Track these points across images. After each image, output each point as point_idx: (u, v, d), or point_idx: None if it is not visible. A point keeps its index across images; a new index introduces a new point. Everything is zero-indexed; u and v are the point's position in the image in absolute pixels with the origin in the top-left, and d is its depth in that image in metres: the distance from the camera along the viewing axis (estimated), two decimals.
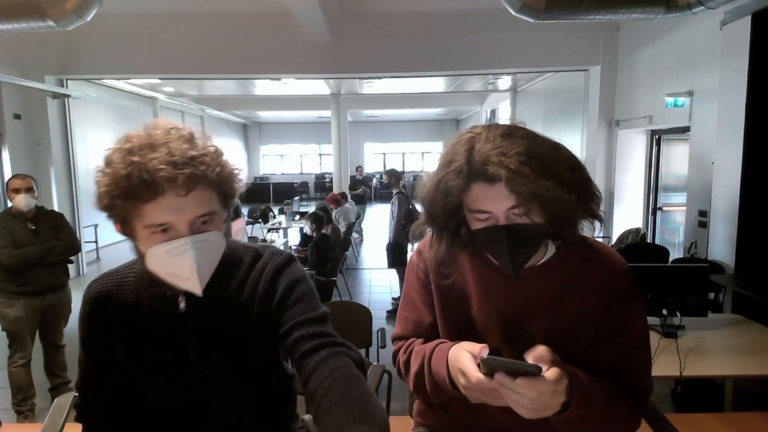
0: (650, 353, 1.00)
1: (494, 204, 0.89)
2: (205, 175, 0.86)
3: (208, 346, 0.98)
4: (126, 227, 0.90)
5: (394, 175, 5.61)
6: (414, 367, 1.04)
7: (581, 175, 0.92)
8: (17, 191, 2.87)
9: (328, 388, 0.84)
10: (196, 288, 0.90)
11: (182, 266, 0.88)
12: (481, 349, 0.87)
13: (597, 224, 0.95)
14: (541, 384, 0.78)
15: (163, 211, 0.85)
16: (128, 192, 0.83)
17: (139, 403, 1.04)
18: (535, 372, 0.78)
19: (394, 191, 5.44)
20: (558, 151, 0.93)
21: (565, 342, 0.96)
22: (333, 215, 6.76)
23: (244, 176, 1.00)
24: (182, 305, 0.97)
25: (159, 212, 0.85)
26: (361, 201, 10.29)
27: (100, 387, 1.04)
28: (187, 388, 0.99)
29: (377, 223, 9.66)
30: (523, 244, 0.92)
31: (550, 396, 0.80)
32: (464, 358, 0.88)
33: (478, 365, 0.83)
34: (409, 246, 5.51)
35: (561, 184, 0.87)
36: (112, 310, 0.99)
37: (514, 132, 0.93)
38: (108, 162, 0.87)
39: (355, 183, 10.98)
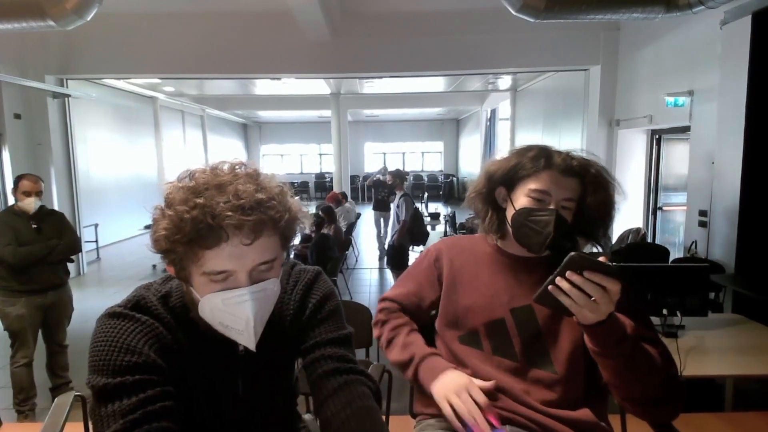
0: (655, 329, 1.14)
1: (557, 189, 1.13)
2: (271, 221, 0.82)
3: (256, 379, 0.96)
4: (181, 273, 0.84)
5: (398, 176, 5.48)
6: (399, 356, 1.23)
7: (613, 212, 1.20)
8: (28, 194, 2.87)
9: (346, 420, 0.86)
10: (250, 343, 0.85)
11: (238, 318, 0.83)
12: (492, 384, 1.10)
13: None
14: (610, 282, 0.91)
15: (225, 259, 0.80)
16: (191, 237, 0.78)
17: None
18: (614, 270, 0.91)
19: (399, 193, 5.32)
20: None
21: (555, 322, 1.16)
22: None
23: (308, 218, 0.94)
24: (241, 348, 0.92)
25: (221, 260, 0.80)
26: (383, 207, 7.53)
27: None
28: (231, 421, 0.96)
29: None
30: (559, 229, 1.12)
31: (608, 300, 0.92)
32: (472, 386, 1.09)
33: (566, 265, 0.92)
34: (411, 246, 5.49)
35: (613, 199, 1.18)
36: (161, 333, 0.87)
37: (584, 155, 1.21)
38: (169, 202, 0.81)
39: (378, 185, 8.54)
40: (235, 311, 0.82)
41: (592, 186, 1.14)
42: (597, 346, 0.99)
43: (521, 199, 1.17)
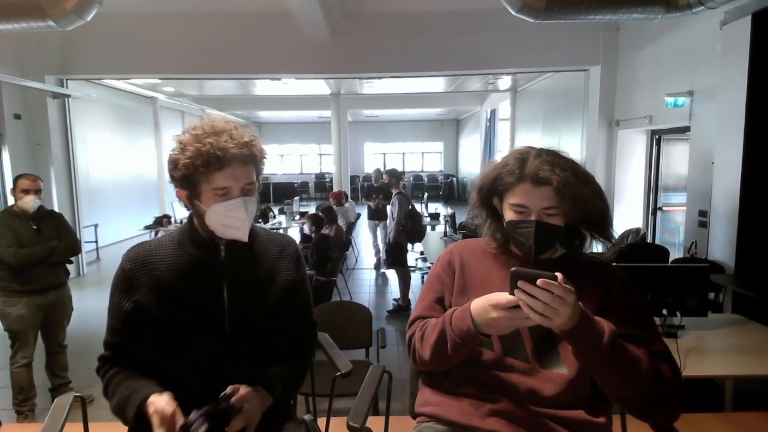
0: (657, 330, 1.16)
1: (534, 201, 1.14)
2: (253, 155, 1.21)
3: (239, 289, 1.24)
4: (194, 191, 1.20)
5: (395, 175, 5.54)
6: (433, 337, 1.19)
7: (606, 206, 1.18)
8: (26, 192, 2.87)
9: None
10: (244, 235, 1.22)
11: (237, 218, 1.19)
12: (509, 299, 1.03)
13: (602, 242, 1.21)
14: (554, 286, 0.95)
15: (227, 177, 1.17)
16: (207, 162, 1.14)
17: (166, 349, 1.21)
18: (553, 277, 0.96)
19: (394, 192, 5.37)
20: (591, 178, 1.19)
21: None
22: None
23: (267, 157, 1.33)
24: (223, 253, 1.25)
25: (224, 178, 1.17)
26: (379, 215, 6.95)
27: (130, 338, 1.21)
28: (217, 329, 1.21)
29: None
30: (545, 238, 1.15)
31: (560, 302, 0.96)
32: (492, 294, 1.06)
33: (512, 281, 0.99)
34: (409, 246, 5.48)
35: (596, 196, 1.15)
36: (154, 263, 1.22)
37: (560, 154, 1.19)
38: (185, 143, 1.17)
39: (369, 191, 7.53)
40: (235, 213, 1.19)
41: (559, 196, 1.12)
42: (573, 350, 1.04)
43: (507, 212, 1.20)
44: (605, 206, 1.17)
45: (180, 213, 7.26)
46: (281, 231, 7.63)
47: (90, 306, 5.25)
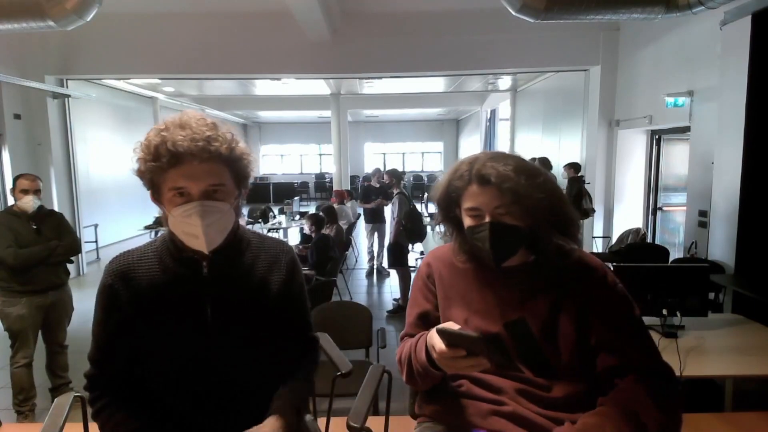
0: (647, 331, 1.15)
1: (484, 201, 1.11)
2: (217, 152, 1.05)
3: (224, 309, 1.14)
4: (156, 192, 1.09)
5: (395, 176, 5.56)
6: (406, 362, 1.21)
7: (560, 201, 1.14)
8: (26, 192, 2.87)
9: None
10: (203, 246, 1.07)
11: (193, 225, 1.05)
12: (450, 325, 1.04)
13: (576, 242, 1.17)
14: None
15: (182, 176, 1.04)
16: (156, 157, 1.03)
17: (152, 372, 1.15)
18: (475, 336, 0.97)
19: (395, 191, 5.39)
20: (541, 173, 1.14)
21: (550, 330, 1.14)
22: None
23: (255, 162, 1.19)
24: (205, 270, 1.14)
25: (178, 177, 1.04)
26: (376, 218, 6.72)
27: (115, 357, 1.15)
28: (202, 351, 1.13)
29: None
30: (503, 240, 1.12)
31: None
32: (434, 336, 1.06)
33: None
34: (410, 246, 5.49)
35: (537, 189, 1.09)
36: (135, 278, 1.13)
37: (508, 155, 1.17)
38: (146, 137, 1.07)
39: (368, 192, 6.97)
40: (190, 220, 1.06)
41: (501, 193, 1.09)
42: None
43: (465, 219, 1.17)
44: (551, 197, 1.11)
45: None
46: (281, 231, 7.65)
47: (90, 306, 5.22)
